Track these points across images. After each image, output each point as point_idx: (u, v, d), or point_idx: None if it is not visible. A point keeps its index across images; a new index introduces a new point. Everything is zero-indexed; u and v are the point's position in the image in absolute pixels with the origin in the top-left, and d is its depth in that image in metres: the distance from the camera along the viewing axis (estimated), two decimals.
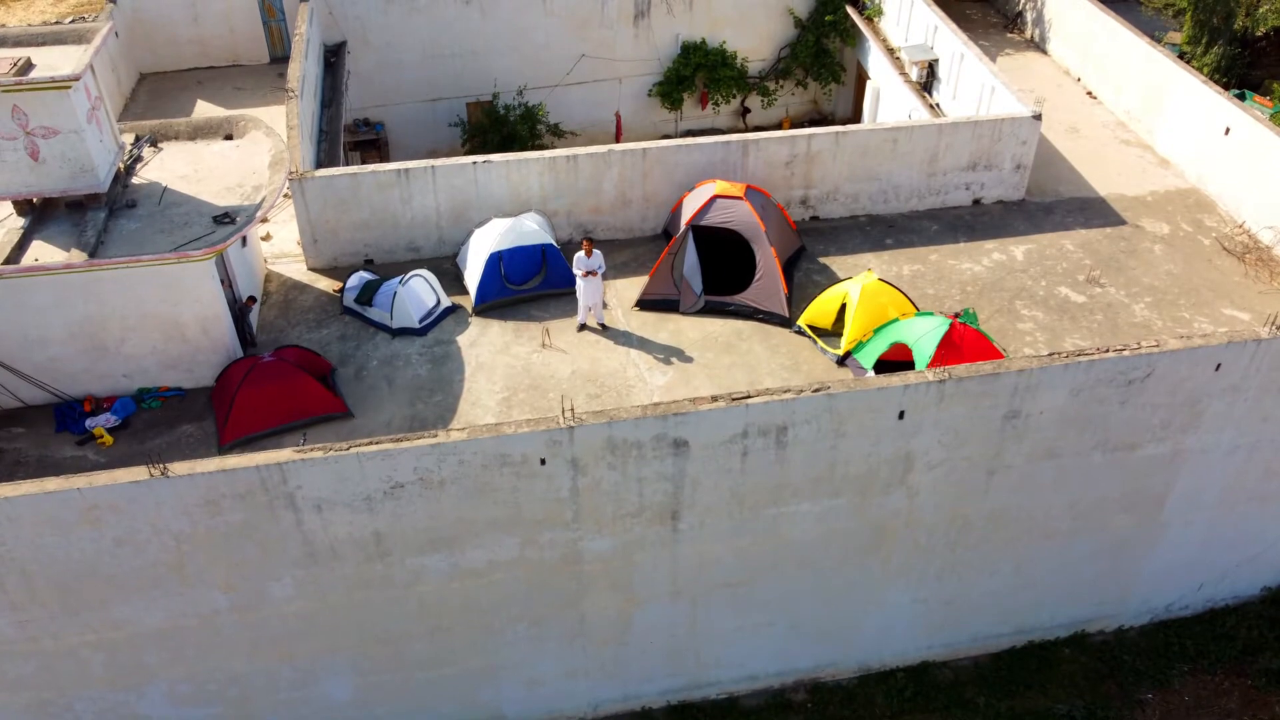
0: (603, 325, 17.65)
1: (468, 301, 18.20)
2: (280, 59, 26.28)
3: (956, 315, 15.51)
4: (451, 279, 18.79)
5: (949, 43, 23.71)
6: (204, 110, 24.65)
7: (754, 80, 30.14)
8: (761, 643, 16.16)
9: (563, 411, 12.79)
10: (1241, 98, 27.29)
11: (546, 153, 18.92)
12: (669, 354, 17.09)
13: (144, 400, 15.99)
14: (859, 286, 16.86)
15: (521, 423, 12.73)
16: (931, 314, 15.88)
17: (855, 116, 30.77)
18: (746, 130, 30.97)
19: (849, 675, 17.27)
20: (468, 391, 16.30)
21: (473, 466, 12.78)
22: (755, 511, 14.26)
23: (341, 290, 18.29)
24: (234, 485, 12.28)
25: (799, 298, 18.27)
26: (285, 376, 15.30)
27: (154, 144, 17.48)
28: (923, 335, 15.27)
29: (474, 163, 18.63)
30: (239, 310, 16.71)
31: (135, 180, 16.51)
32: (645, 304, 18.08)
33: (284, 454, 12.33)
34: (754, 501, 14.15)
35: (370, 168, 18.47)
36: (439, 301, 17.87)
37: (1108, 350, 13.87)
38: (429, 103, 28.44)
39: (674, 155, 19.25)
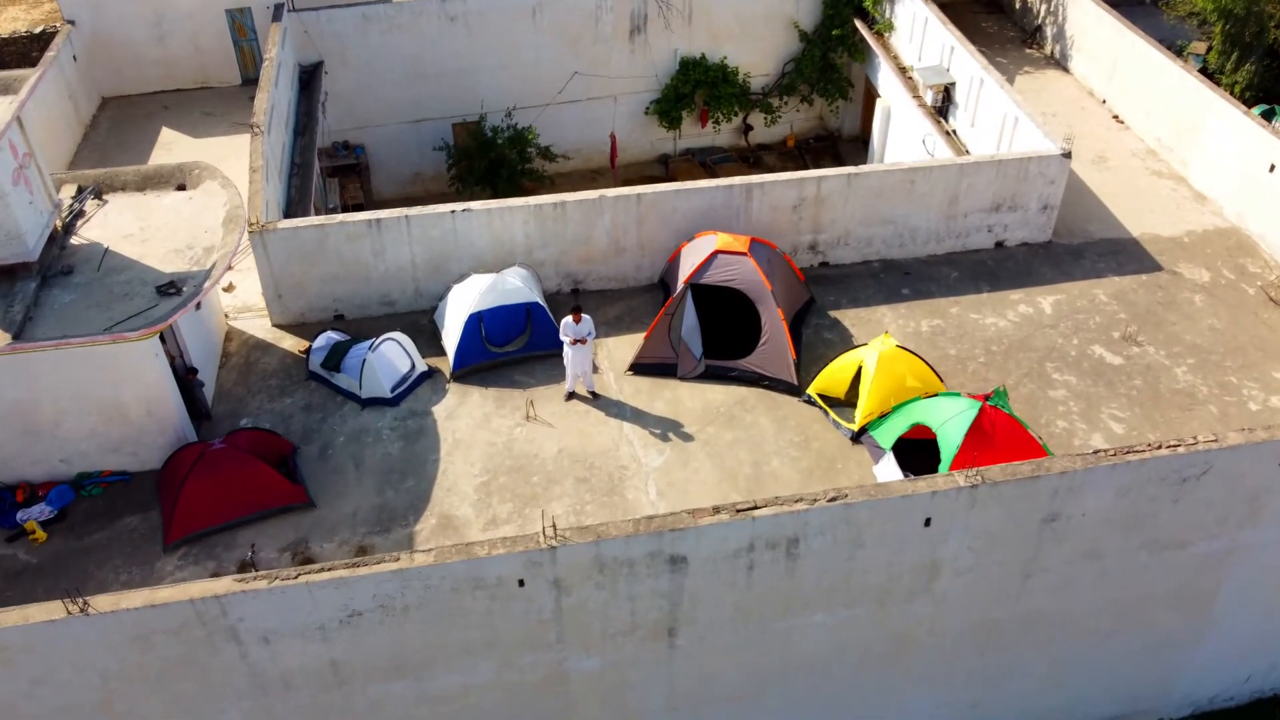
0: (593, 393, 16.07)
1: (445, 363, 16.61)
2: (252, 80, 24.53)
3: (986, 397, 13.93)
4: (429, 337, 17.20)
5: (967, 65, 22.01)
6: (169, 139, 23.04)
7: (756, 97, 28.49)
8: None
9: (543, 530, 11.22)
10: (1269, 115, 25.61)
11: (532, 200, 17.28)
12: (666, 428, 15.51)
13: (84, 487, 14.44)
14: (875, 354, 15.27)
15: (496, 543, 11.16)
16: (958, 395, 14.27)
17: (863, 134, 29.13)
18: (748, 147, 29.49)
19: None
20: (443, 475, 14.73)
21: (440, 591, 11.22)
22: (762, 625, 12.72)
23: (307, 352, 16.70)
24: (166, 621, 10.74)
25: (808, 359, 16.68)
26: (237, 465, 13.74)
27: (98, 196, 15.87)
28: (949, 420, 13.68)
29: (452, 211, 17.01)
30: (188, 384, 15.12)
31: (75, 240, 14.91)
32: (640, 368, 16.49)
33: (222, 584, 10.77)
34: (761, 615, 12.61)
35: (339, 219, 16.85)
36: (413, 366, 16.28)
37: (1160, 447, 12.29)
38: (412, 124, 26.78)
39: (671, 200, 17.62)
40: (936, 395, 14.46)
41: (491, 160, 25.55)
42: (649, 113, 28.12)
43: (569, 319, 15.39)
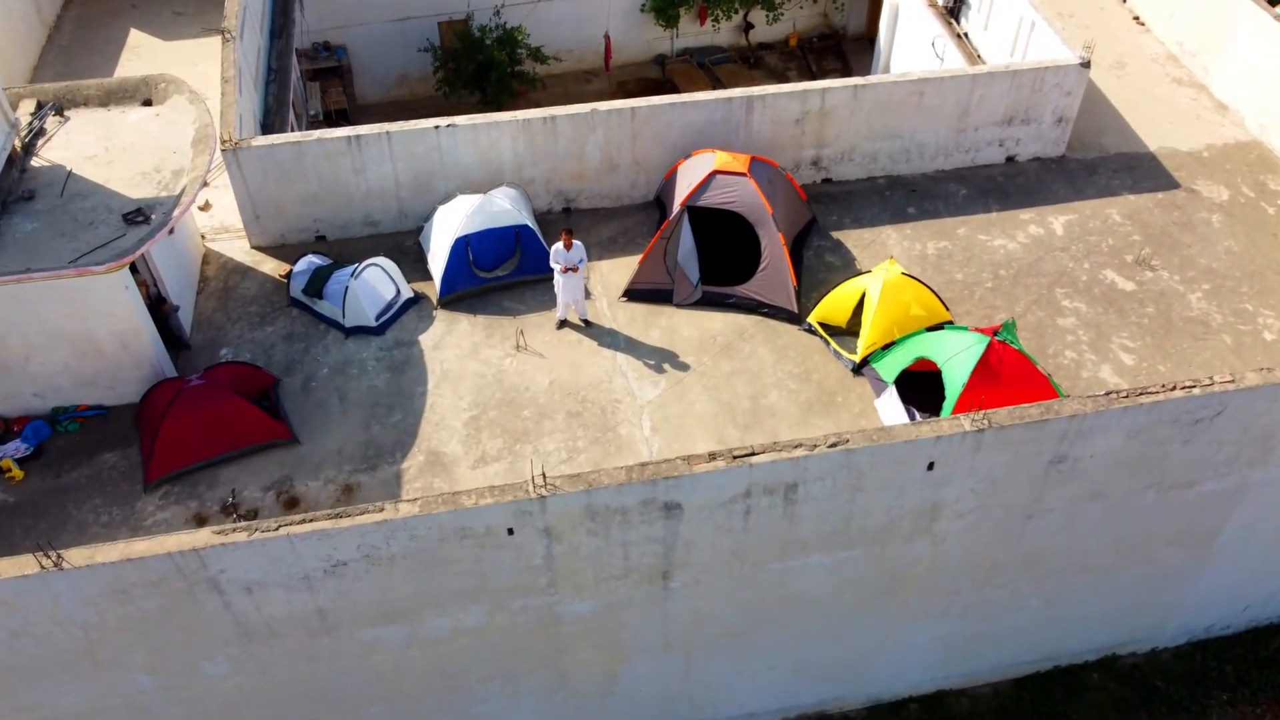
0: (585, 321, 15.49)
1: (432, 289, 15.98)
2: None
3: (994, 331, 13.36)
4: (414, 259, 16.51)
5: None
6: (137, 41, 21.86)
7: None
8: (763, 684, 14.61)
9: (532, 479, 10.80)
10: None
11: (520, 114, 16.37)
12: (661, 359, 14.99)
13: (60, 422, 13.96)
14: (879, 281, 14.64)
15: (484, 492, 10.75)
16: (964, 329, 13.70)
17: (869, 34, 27.83)
18: (749, 47, 28.18)
19: (858, 707, 15.79)
20: (431, 409, 14.26)
21: (427, 541, 10.87)
22: (758, 567, 12.45)
23: (288, 276, 16.03)
24: (144, 574, 10.39)
25: (809, 283, 16.06)
26: (216, 401, 13.24)
27: (59, 113, 14.96)
28: (954, 355, 13.16)
29: (436, 127, 16.12)
30: (162, 314, 14.51)
31: (35, 162, 14.08)
32: (634, 294, 15.87)
33: (201, 537, 10.40)
34: (757, 558, 12.32)
35: (316, 135, 15.95)
36: (398, 293, 15.65)
37: (1174, 388, 11.81)
38: (396, 23, 25.48)
39: (666, 114, 16.70)
40: (942, 328, 13.90)
41: (480, 63, 24.38)
42: (645, 10, 26.78)
43: (559, 245, 14.71)
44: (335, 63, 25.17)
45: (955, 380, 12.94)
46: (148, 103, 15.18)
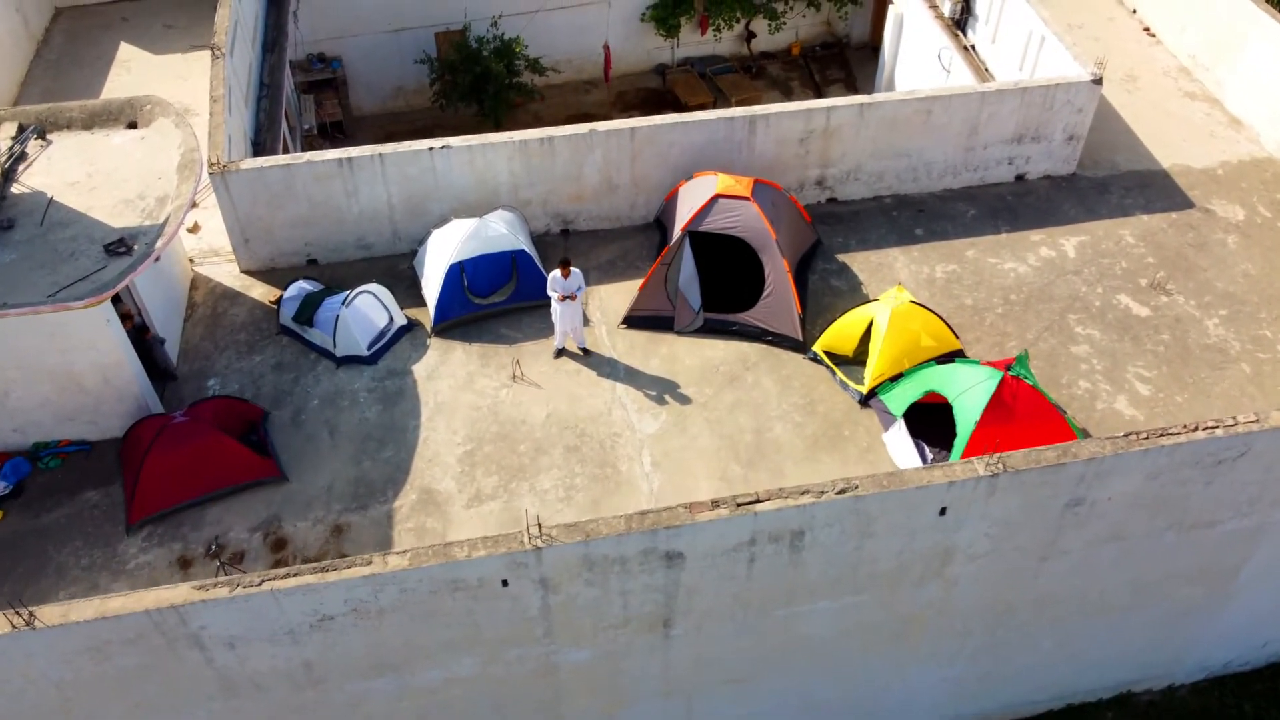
0: (584, 349, 15.03)
1: (426, 315, 15.51)
2: None
3: (1007, 365, 12.88)
4: (408, 284, 16.05)
5: None
6: (127, 55, 21.39)
7: (760, 1, 26.53)
8: None
9: (527, 530, 10.33)
10: None
11: (517, 135, 15.90)
12: (662, 389, 14.53)
13: (41, 458, 13.51)
14: (887, 310, 14.18)
15: (476, 543, 10.29)
16: (976, 363, 13.22)
17: (873, 42, 27.37)
18: (750, 56, 27.69)
19: None
20: (424, 443, 13.80)
21: (418, 594, 10.41)
22: (763, 613, 12.00)
23: (278, 303, 15.57)
24: (121, 631, 9.95)
25: (814, 309, 15.60)
26: (201, 439, 12.79)
27: (41, 136, 14.49)
28: (966, 391, 12.69)
29: (430, 149, 15.65)
30: (145, 343, 14.05)
31: (15, 189, 13.62)
32: (634, 321, 15.41)
33: (180, 593, 9.93)
34: (762, 604, 11.86)
35: (306, 157, 15.49)
36: (391, 320, 15.19)
37: (1196, 429, 11.34)
38: (392, 34, 24.99)
39: (667, 134, 16.23)
40: (953, 360, 13.42)
41: (477, 75, 23.89)
42: (645, 19, 26.26)
43: (556, 273, 14.24)
44: (330, 74, 24.69)
45: (967, 417, 12.47)
46: (133, 125, 14.71)
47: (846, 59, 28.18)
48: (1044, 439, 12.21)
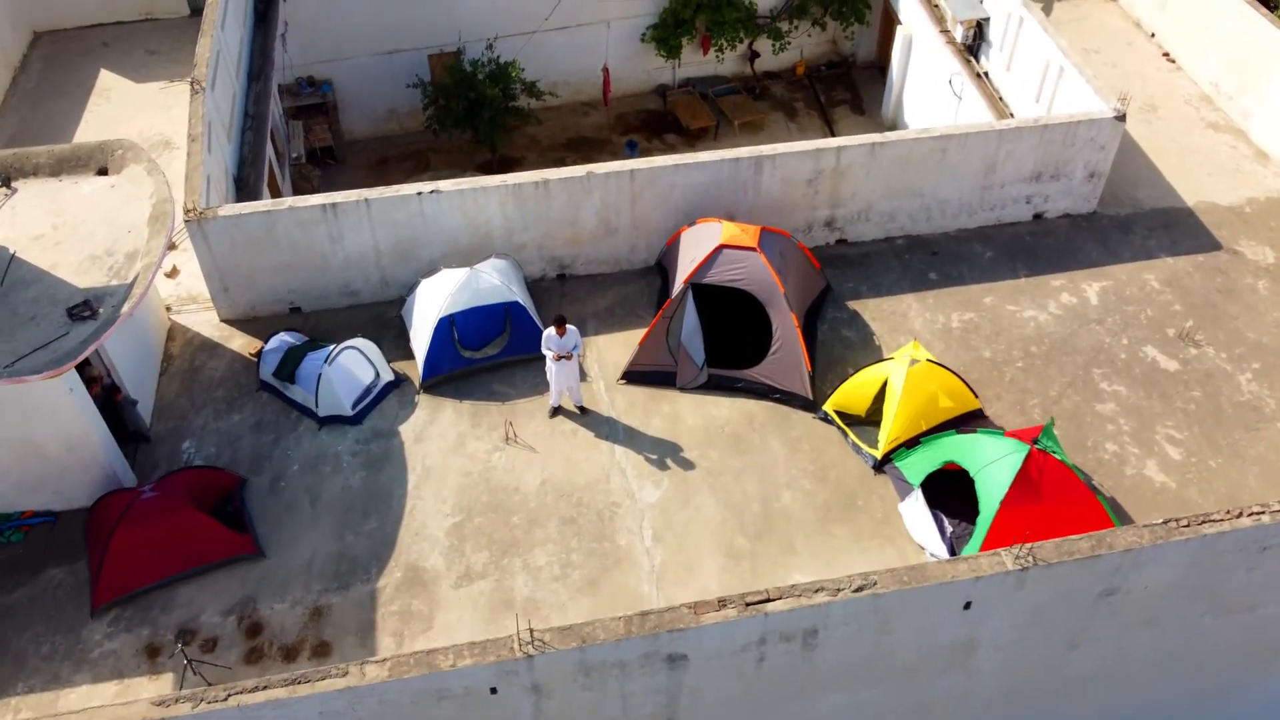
0: (581, 408, 14.21)
1: (415, 367, 14.69)
2: (202, 10, 21.90)
3: (1034, 438, 12.04)
4: (396, 333, 15.24)
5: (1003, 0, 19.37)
6: (107, 84, 20.58)
7: (764, 20, 25.70)
8: None
9: (518, 636, 9.51)
10: None
11: (510, 178, 15.07)
12: (663, 452, 13.70)
13: (2, 531, 12.70)
14: (903, 370, 13.35)
15: (461, 651, 9.47)
16: (1000, 433, 12.38)
17: (880, 61, 26.52)
18: (754, 76, 26.84)
19: None
20: (410, 514, 12.98)
21: (399, 705, 9.60)
22: (772, 709, 11.17)
23: (259, 356, 14.75)
24: None
25: (824, 360, 14.79)
26: (171, 515, 11.98)
27: (6, 184, 13.67)
28: (990, 465, 11.86)
29: (419, 193, 14.82)
30: (117, 405, 13.24)
31: None
32: (634, 376, 14.59)
33: (136, 710, 9.11)
34: (770, 700, 11.04)
35: (288, 203, 14.66)
36: (377, 376, 14.37)
37: (1240, 515, 10.53)
38: (384, 56, 24.14)
39: (669, 176, 15.41)
40: (974, 426, 12.57)
41: (472, 100, 23.04)
42: (645, 40, 25.40)
43: (551, 331, 13.41)
44: (320, 99, 23.85)
45: (992, 495, 11.65)
46: (103, 171, 13.88)
47: (852, 79, 27.32)
48: (1074, 519, 11.42)
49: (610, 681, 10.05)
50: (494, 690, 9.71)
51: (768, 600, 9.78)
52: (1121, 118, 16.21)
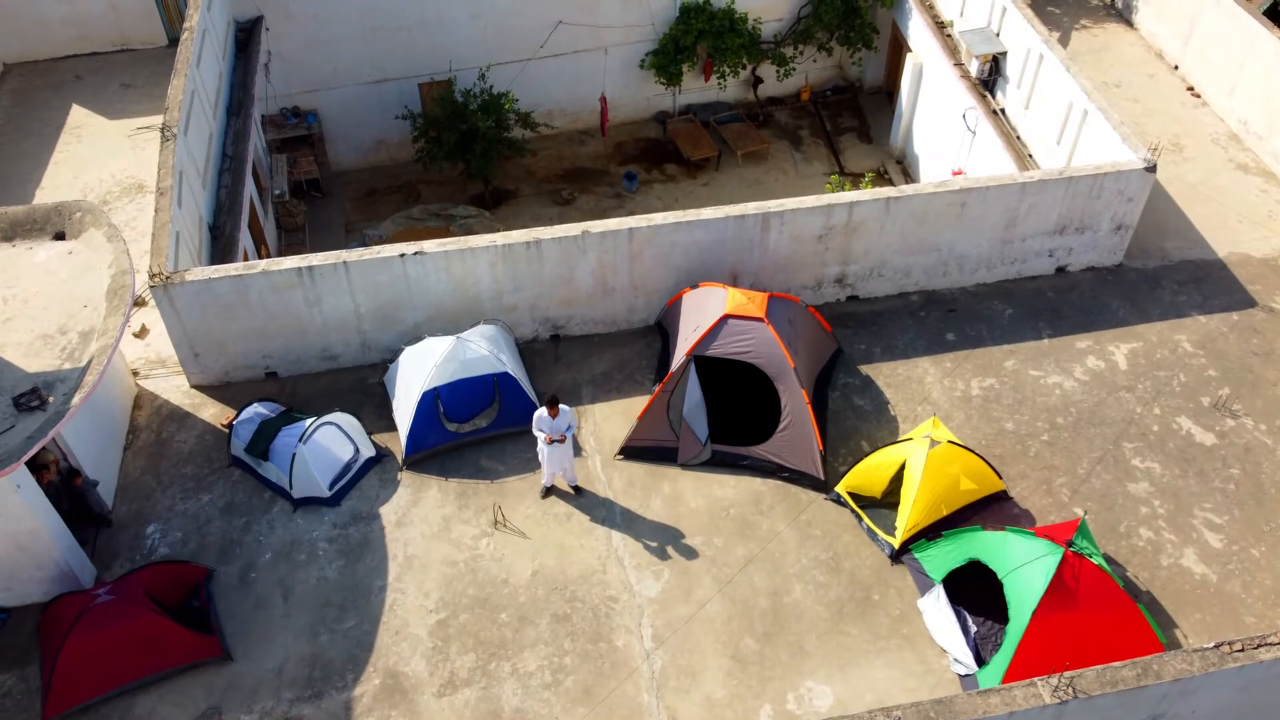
0: (575, 488, 13.24)
1: (397, 441, 13.73)
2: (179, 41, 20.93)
3: (1068, 541, 11.07)
4: (379, 401, 14.28)
5: (1022, 34, 18.38)
6: (79, 120, 19.64)
7: (768, 45, 24.76)
8: None
9: None
10: None
11: (499, 238, 14.09)
12: (664, 539, 12.74)
13: None
14: (923, 452, 12.38)
15: None
16: (1031, 534, 11.39)
17: (888, 86, 25.57)
18: (757, 103, 25.88)
19: None
20: (390, 610, 12.01)
21: None
22: None
23: (230, 428, 13.78)
24: None
25: (836, 433, 13.85)
26: (129, 620, 11.01)
27: None
28: (1020, 568, 10.89)
29: (401, 255, 13.84)
30: (76, 490, 12.27)
31: None
32: (632, 452, 13.62)
33: None
34: None
35: (261, 266, 13.68)
36: (357, 453, 13.41)
37: None
38: (372, 85, 23.20)
39: (670, 234, 14.44)
40: (1004, 530, 11.57)
41: (463, 133, 22.07)
42: (645, 66, 24.44)
43: (543, 412, 12.44)
44: (306, 130, 22.90)
45: (1023, 603, 10.67)
46: (60, 236, 12.91)
47: (859, 104, 26.36)
48: (1113, 630, 10.47)
49: None
50: None
51: None
52: (1152, 169, 15.25)
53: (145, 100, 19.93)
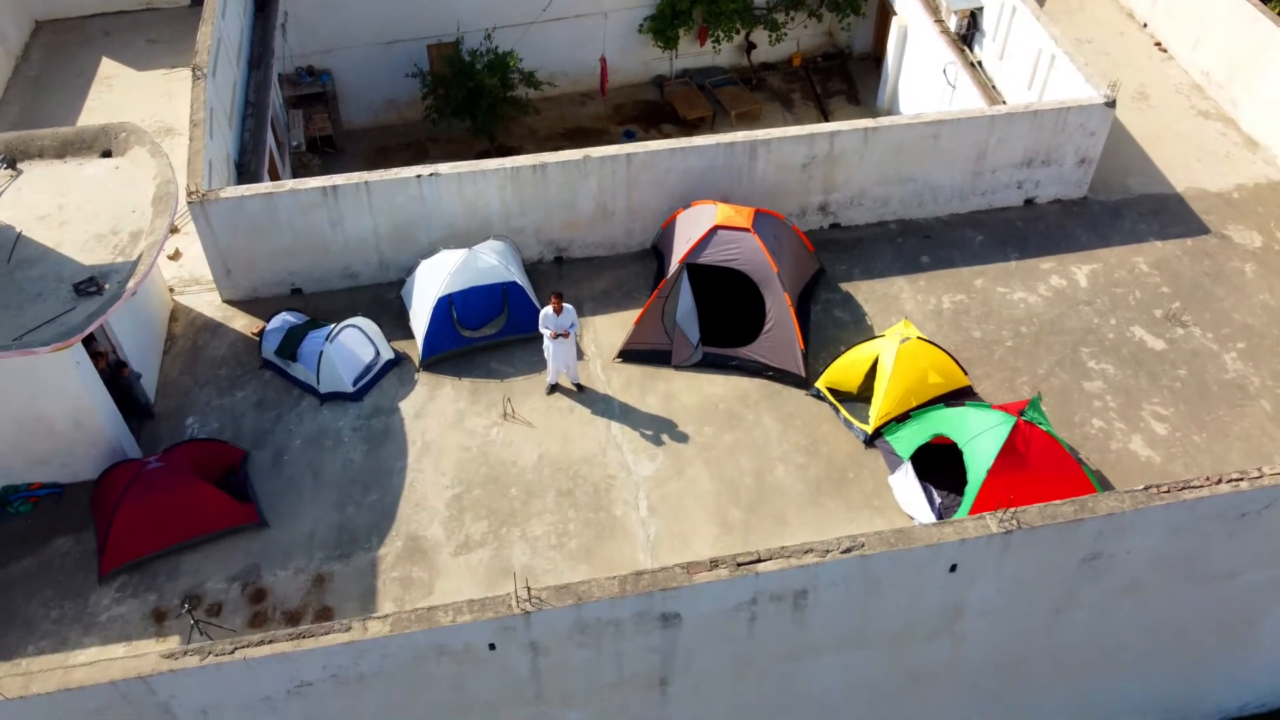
0: (578, 385, 14.47)
1: (414, 347, 14.96)
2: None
3: (1020, 410, 12.31)
4: (396, 314, 15.49)
5: None
6: (109, 72, 20.83)
7: (760, 12, 25.96)
8: None
9: (515, 594, 9.78)
10: None
11: (508, 162, 15.33)
12: (658, 428, 13.97)
13: (10, 503, 12.95)
14: (894, 347, 13.61)
15: (461, 608, 9.74)
16: (988, 406, 12.64)
17: (876, 52, 26.78)
18: (751, 68, 27.12)
19: None
20: (410, 487, 13.24)
21: (400, 660, 9.86)
22: (763, 671, 11.45)
23: (260, 335, 15.00)
24: (86, 703, 9.39)
25: (817, 341, 15.05)
26: (176, 486, 12.23)
27: (11, 165, 13.93)
28: (977, 437, 12.13)
29: (418, 176, 15.07)
30: (122, 380, 13.49)
31: None
32: (630, 355, 14.85)
33: (148, 663, 9.38)
34: (762, 663, 11.32)
35: (289, 186, 14.92)
36: (378, 355, 14.63)
37: (1220, 481, 10.80)
38: (383, 46, 24.40)
39: (665, 160, 15.66)
40: (964, 402, 12.84)
41: (470, 89, 23.31)
42: (643, 31, 25.68)
43: (548, 309, 13.67)
44: (320, 88, 24.10)
45: (978, 465, 11.91)
46: (107, 154, 14.14)
47: (848, 70, 27.59)
48: (1059, 488, 11.67)
49: (606, 640, 10.31)
50: (492, 647, 9.97)
51: (758, 561, 10.04)
52: (1111, 104, 16.48)
53: (171, 54, 21.14)
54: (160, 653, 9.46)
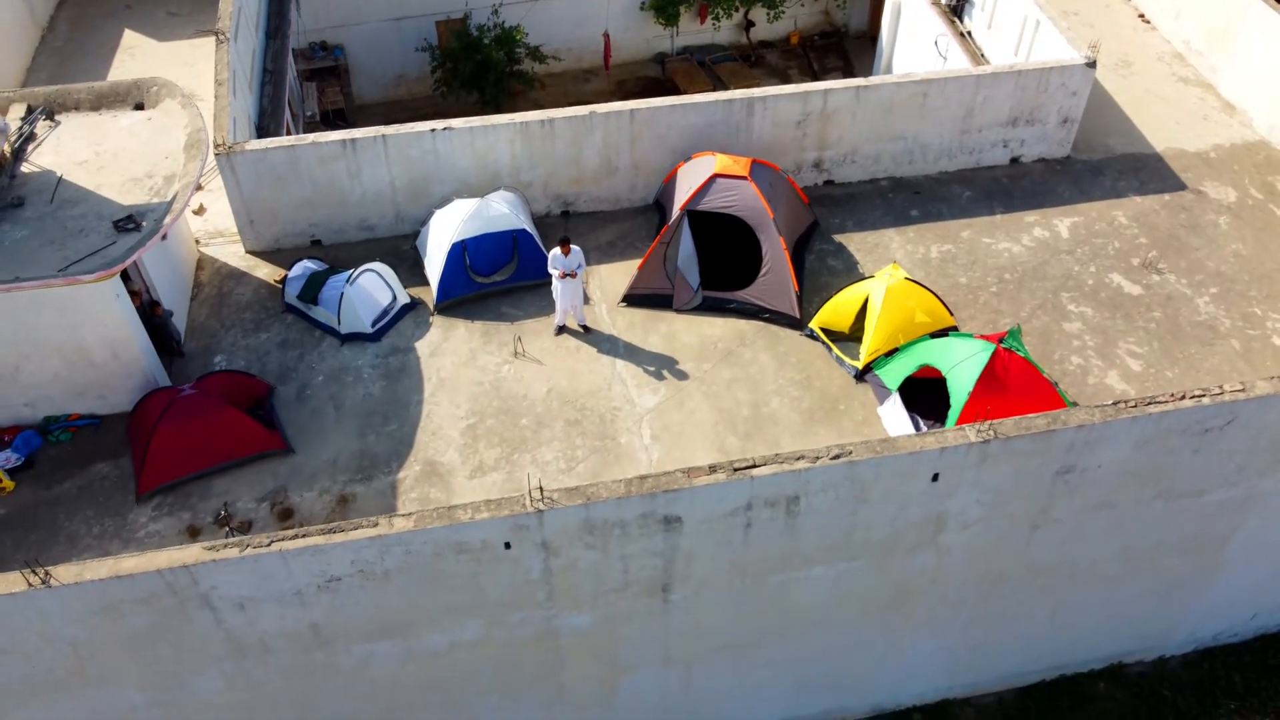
0: (584, 327, 15.28)
1: (428, 294, 15.76)
2: None
3: (1000, 338, 13.13)
4: (411, 264, 16.30)
5: None
6: (131, 42, 21.64)
7: None
8: (765, 695, 14.41)
9: (529, 493, 10.59)
10: None
11: (518, 117, 16.14)
12: (660, 365, 14.78)
13: (51, 432, 13.76)
14: (883, 287, 14.42)
15: (479, 506, 10.55)
16: (969, 336, 13.47)
17: (871, 31, 27.63)
18: (750, 45, 27.95)
19: (861, 717, 15.58)
20: (427, 417, 14.06)
21: (423, 556, 10.67)
22: (759, 579, 12.25)
23: (283, 282, 15.82)
24: (134, 591, 10.20)
25: (811, 288, 15.84)
26: (208, 413, 13.04)
27: (49, 117, 14.73)
28: (959, 363, 12.94)
29: (432, 130, 15.89)
30: (155, 319, 14.31)
31: (25, 168, 13.86)
32: (633, 299, 15.65)
33: (191, 553, 10.20)
34: (758, 570, 12.12)
35: (311, 138, 15.73)
36: (394, 298, 15.44)
37: (1183, 397, 11.59)
38: (393, 22, 25.29)
39: (666, 117, 16.47)
40: (947, 335, 13.66)
41: (478, 63, 24.15)
42: (644, 8, 26.58)
43: (557, 251, 14.49)
44: (332, 62, 24.97)
45: (960, 388, 12.72)
46: (139, 106, 14.95)
47: (845, 48, 28.43)
48: (1036, 409, 12.44)
49: (612, 542, 11.11)
50: (508, 545, 10.78)
51: (753, 466, 10.85)
52: (1092, 64, 17.27)
53: (190, 26, 21.96)
54: (203, 545, 10.26)
